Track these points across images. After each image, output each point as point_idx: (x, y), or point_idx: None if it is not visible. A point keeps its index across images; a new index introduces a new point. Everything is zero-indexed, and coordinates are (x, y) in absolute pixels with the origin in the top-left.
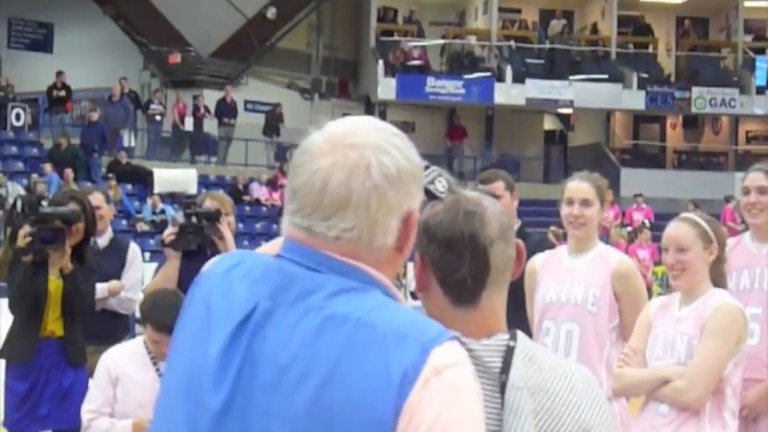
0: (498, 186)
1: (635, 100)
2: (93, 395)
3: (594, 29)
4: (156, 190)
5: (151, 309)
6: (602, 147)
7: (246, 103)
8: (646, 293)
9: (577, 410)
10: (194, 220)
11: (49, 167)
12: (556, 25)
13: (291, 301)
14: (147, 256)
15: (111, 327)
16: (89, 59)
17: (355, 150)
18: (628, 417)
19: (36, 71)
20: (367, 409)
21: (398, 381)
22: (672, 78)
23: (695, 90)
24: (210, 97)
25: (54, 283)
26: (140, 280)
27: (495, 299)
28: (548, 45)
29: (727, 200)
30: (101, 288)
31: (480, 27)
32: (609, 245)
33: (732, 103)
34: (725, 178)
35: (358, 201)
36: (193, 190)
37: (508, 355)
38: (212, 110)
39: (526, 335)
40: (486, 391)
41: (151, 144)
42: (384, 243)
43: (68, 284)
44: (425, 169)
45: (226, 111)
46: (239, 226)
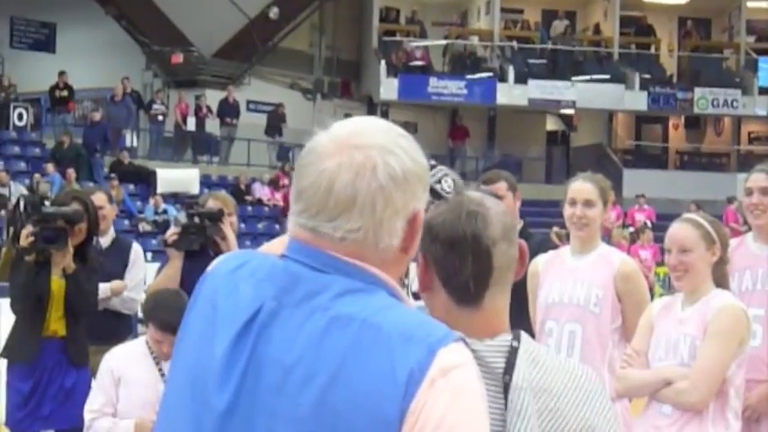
0: (501, 187)
1: (637, 101)
2: (95, 395)
3: (597, 29)
4: (159, 190)
5: (153, 309)
6: (604, 147)
7: (249, 103)
8: (648, 294)
9: (581, 411)
10: (197, 220)
11: (51, 167)
12: (558, 26)
13: (297, 302)
14: (150, 256)
15: (114, 327)
16: (91, 59)
17: (361, 151)
18: (630, 417)
19: (38, 71)
20: (373, 409)
21: (404, 381)
22: (674, 79)
23: (697, 91)
24: (213, 97)
25: (57, 283)
26: (143, 280)
27: (498, 299)
28: (550, 45)
29: (730, 201)
30: (103, 288)
31: (483, 27)
32: (611, 245)
33: (734, 104)
34: (727, 179)
35: (364, 202)
36: (196, 190)
37: (511, 355)
38: (215, 110)
39: (529, 335)
40: (490, 392)
41: (153, 144)
42: (390, 244)
43: (71, 284)
44: (432, 168)
45: (228, 111)
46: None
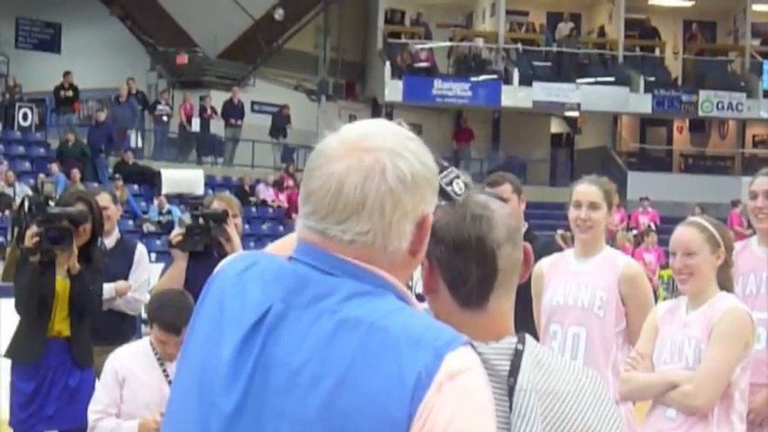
0: (506, 189)
1: (642, 103)
2: (99, 396)
3: (602, 32)
4: (163, 191)
5: (158, 309)
6: (608, 150)
7: (253, 104)
8: (652, 297)
9: (585, 414)
10: (201, 221)
11: (56, 167)
12: (563, 28)
13: (305, 305)
14: (154, 256)
15: (118, 327)
16: (96, 60)
17: (370, 154)
18: (634, 421)
19: (43, 71)
20: (380, 413)
21: (412, 385)
22: (679, 82)
23: (702, 94)
24: (217, 98)
25: (61, 284)
26: (147, 280)
27: (502, 302)
28: (555, 48)
29: (734, 204)
30: (108, 288)
31: (487, 29)
32: (615, 248)
33: (739, 107)
34: (731, 182)
35: (373, 205)
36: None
37: (516, 358)
38: (219, 111)
39: (533, 338)
40: (494, 395)
41: (158, 145)
42: (398, 247)
43: (76, 285)
44: (444, 170)
45: (233, 112)
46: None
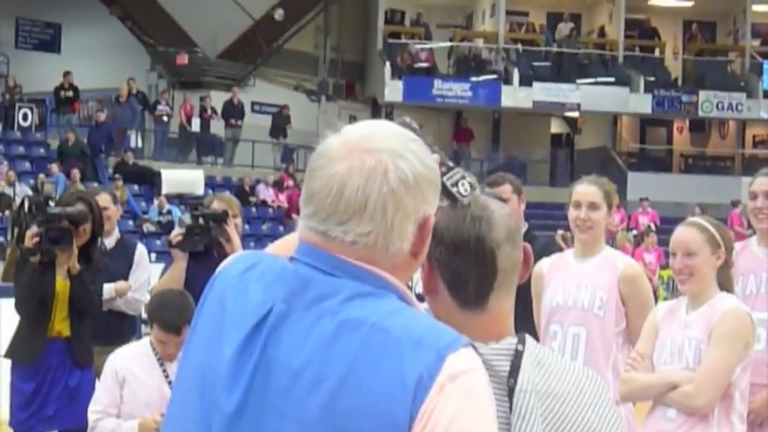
0: (506, 190)
1: (642, 103)
2: (99, 396)
3: (602, 32)
4: (163, 191)
5: (158, 309)
6: (608, 150)
7: (253, 104)
8: (652, 297)
9: (585, 414)
10: (201, 221)
11: (55, 168)
12: (563, 28)
13: (306, 305)
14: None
15: (118, 327)
16: (96, 60)
17: (372, 155)
18: (635, 421)
19: (43, 71)
20: (381, 413)
21: (413, 386)
22: (679, 82)
23: (702, 94)
24: (217, 98)
25: (61, 284)
26: (147, 281)
27: (502, 302)
28: (555, 48)
29: (734, 204)
30: (108, 289)
31: (487, 30)
32: (615, 249)
33: (739, 107)
34: (731, 182)
35: (374, 206)
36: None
37: (516, 358)
38: (219, 111)
39: (533, 338)
40: (495, 395)
41: (158, 145)
42: (400, 248)
43: (76, 285)
44: (450, 170)
45: (233, 112)
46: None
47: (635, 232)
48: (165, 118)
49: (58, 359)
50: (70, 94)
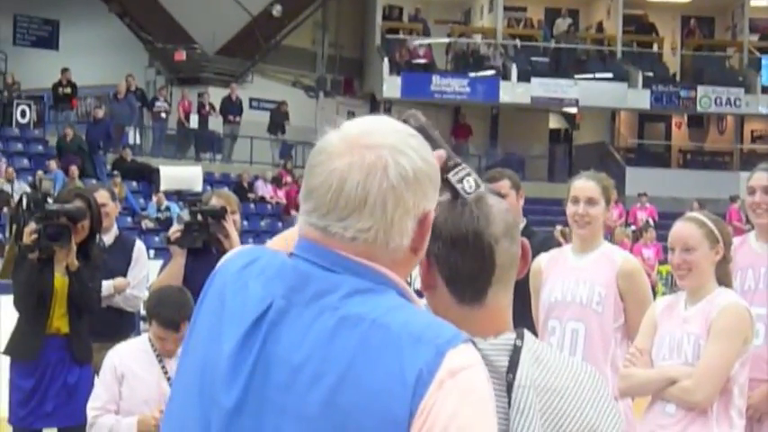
0: (504, 185)
1: (640, 99)
2: (98, 392)
3: (600, 28)
4: (162, 187)
5: (156, 306)
6: (606, 146)
7: (251, 100)
8: (651, 293)
9: (584, 410)
10: (200, 217)
11: (54, 165)
12: (561, 24)
13: (306, 301)
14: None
15: (117, 324)
16: (94, 57)
17: (372, 151)
18: (633, 416)
19: (41, 68)
20: (381, 410)
21: (413, 382)
22: (677, 77)
23: (700, 89)
24: (216, 95)
25: (60, 281)
26: (146, 277)
27: (501, 297)
28: (553, 44)
29: (733, 199)
30: (106, 285)
31: (486, 25)
32: (613, 244)
33: (737, 103)
34: (730, 178)
35: (375, 201)
36: (199, 188)
37: (515, 354)
38: (217, 107)
39: (532, 334)
40: (494, 391)
41: (156, 141)
42: (400, 244)
43: (74, 282)
44: (455, 167)
45: (231, 108)
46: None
47: (633, 228)
48: (163, 114)
49: (56, 356)
50: (68, 90)
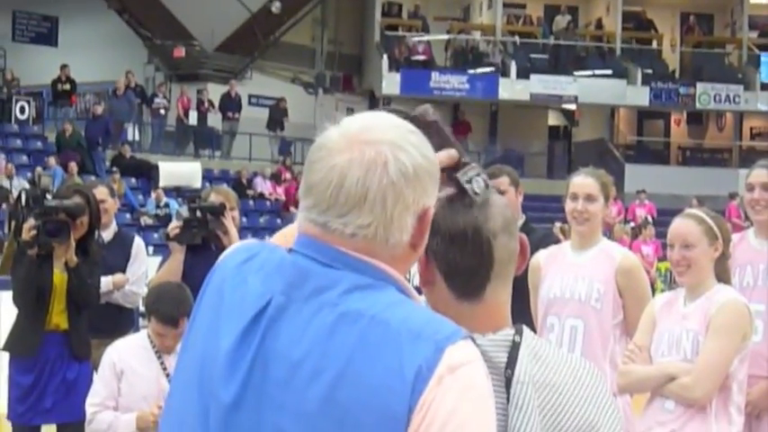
0: (503, 181)
1: (639, 96)
2: (97, 388)
3: (599, 24)
4: (161, 184)
5: (155, 302)
6: (606, 142)
7: (250, 97)
8: (650, 289)
9: (583, 406)
10: (199, 214)
11: (53, 161)
12: (560, 21)
13: (305, 297)
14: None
15: (116, 320)
16: (93, 53)
17: (372, 147)
18: (632, 413)
19: (40, 64)
20: (380, 406)
21: (412, 378)
22: (676, 74)
23: (700, 86)
24: (215, 91)
25: (59, 277)
26: (145, 273)
27: (499, 293)
28: (552, 41)
29: (732, 196)
30: (105, 281)
31: (485, 22)
32: (612, 241)
33: (736, 100)
34: (729, 174)
35: (374, 198)
36: (198, 184)
37: (514, 350)
38: (216, 104)
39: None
40: (492, 387)
41: (155, 138)
42: (400, 240)
43: (73, 278)
44: (463, 166)
45: (230, 105)
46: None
47: (632, 224)
48: (162, 111)
49: (55, 352)
50: (67, 87)
